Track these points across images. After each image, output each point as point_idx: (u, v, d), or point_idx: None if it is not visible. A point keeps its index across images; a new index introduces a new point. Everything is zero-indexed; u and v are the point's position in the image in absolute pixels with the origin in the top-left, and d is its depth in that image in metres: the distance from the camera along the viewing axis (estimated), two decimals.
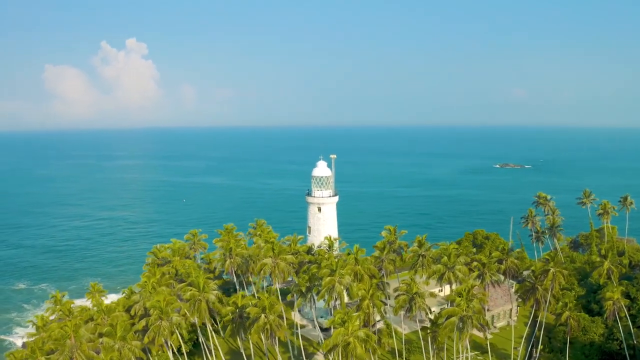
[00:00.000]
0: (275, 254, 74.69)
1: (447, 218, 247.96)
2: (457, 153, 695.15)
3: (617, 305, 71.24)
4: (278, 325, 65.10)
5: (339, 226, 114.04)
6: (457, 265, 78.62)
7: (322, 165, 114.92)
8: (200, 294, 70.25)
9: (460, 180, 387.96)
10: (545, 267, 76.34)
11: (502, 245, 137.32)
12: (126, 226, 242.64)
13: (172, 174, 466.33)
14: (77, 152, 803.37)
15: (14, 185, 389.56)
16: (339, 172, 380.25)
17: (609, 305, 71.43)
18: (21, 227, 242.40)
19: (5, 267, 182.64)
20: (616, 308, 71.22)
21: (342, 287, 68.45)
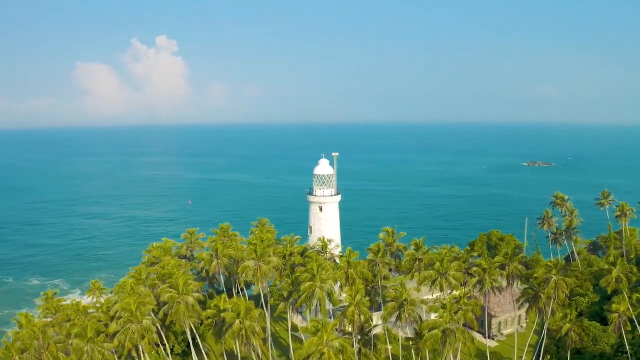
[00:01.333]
0: (258, 256, 71.44)
1: (467, 218, 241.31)
2: (486, 151, 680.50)
3: (622, 319, 65.46)
4: (254, 332, 61.83)
5: (347, 226, 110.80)
6: (451, 271, 73.81)
7: (324, 164, 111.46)
8: (179, 296, 67.57)
9: (485, 179, 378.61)
10: (547, 274, 71.10)
11: (513, 247, 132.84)
12: (145, 224, 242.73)
13: (195, 171, 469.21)
14: (105, 149, 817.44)
15: (40, 181, 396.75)
16: (362, 171, 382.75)
17: (615, 319, 65.78)
18: (41, 223, 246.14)
19: (22, 263, 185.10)
20: (622, 321, 65.45)
21: (324, 292, 64.70)
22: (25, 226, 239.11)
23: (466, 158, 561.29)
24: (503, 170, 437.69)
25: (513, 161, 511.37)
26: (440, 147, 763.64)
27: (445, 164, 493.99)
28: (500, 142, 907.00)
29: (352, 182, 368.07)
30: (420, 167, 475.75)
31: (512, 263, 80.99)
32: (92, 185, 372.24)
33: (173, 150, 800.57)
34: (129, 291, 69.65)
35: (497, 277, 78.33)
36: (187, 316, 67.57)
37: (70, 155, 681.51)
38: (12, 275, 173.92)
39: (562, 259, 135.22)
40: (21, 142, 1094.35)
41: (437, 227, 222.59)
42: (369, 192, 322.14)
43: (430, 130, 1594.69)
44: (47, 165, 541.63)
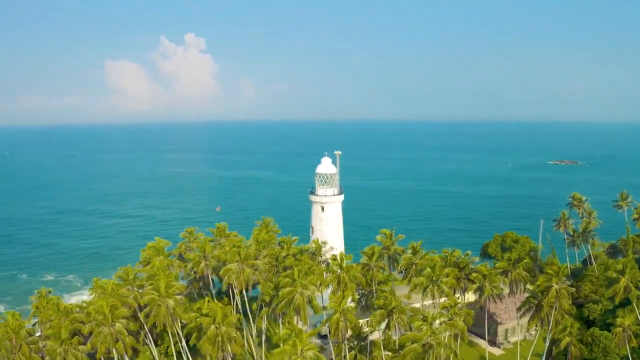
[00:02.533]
0: (242, 258, 68.62)
1: (486, 217, 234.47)
2: (511, 149, 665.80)
3: (627, 333, 60.23)
4: (230, 338, 59.08)
5: (360, 227, 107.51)
6: (443, 278, 69.70)
7: (327, 162, 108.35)
8: (160, 298, 65.36)
9: (509, 177, 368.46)
10: (547, 282, 66.47)
11: (528, 250, 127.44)
12: (165, 222, 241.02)
13: (219, 168, 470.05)
14: (133, 146, 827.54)
15: (65, 178, 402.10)
16: (384, 168, 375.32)
17: (618, 333, 60.59)
18: (62, 220, 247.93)
19: (37, 259, 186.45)
20: (626, 336, 60.23)
21: (304, 299, 61.51)
22: (45, 222, 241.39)
23: (492, 156, 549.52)
24: (527, 168, 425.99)
25: (539, 159, 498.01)
26: (467, 145, 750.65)
27: (470, 162, 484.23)
28: (529, 140, 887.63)
29: (372, 179, 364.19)
30: (444, 164, 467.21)
31: (516, 269, 76.40)
32: (115, 183, 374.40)
33: (199, 147, 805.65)
34: (109, 292, 67.78)
35: (498, 284, 74.05)
36: (167, 319, 65.39)
37: (98, 152, 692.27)
38: (27, 271, 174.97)
39: (579, 262, 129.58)
40: (51, 139, 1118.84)
41: (453, 227, 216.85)
42: (390, 190, 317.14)
43: (457, 127, 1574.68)
44: (74, 162, 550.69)
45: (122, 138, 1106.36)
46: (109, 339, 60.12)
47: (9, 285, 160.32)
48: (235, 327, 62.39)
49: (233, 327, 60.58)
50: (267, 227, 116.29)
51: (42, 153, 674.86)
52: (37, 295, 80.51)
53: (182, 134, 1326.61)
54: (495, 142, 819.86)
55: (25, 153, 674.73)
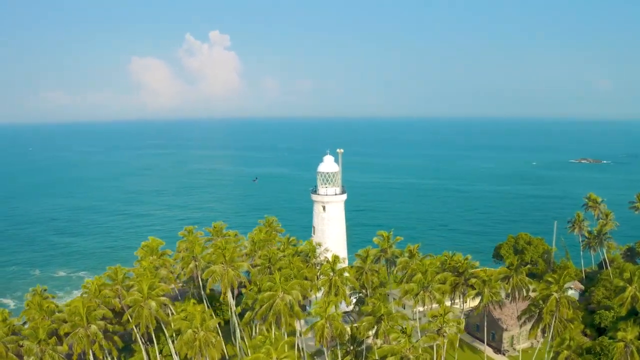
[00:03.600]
0: (227, 260, 66.22)
1: (504, 217, 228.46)
2: (532, 146, 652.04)
3: (629, 349, 55.67)
4: (208, 344, 56.78)
5: (372, 226, 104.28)
6: (436, 284, 66.13)
7: (329, 160, 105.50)
8: (142, 299, 63.48)
9: (530, 176, 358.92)
10: (546, 291, 62.44)
11: (541, 252, 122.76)
12: (182, 219, 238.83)
13: (239, 165, 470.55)
14: (157, 142, 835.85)
15: (86, 174, 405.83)
16: (407, 166, 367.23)
17: (619, 348, 56.14)
18: (80, 215, 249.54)
19: (52, 254, 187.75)
20: (628, 352, 55.70)
21: (285, 303, 58.76)
22: (63, 218, 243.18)
23: (515, 154, 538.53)
24: (550, 167, 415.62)
25: (560, 157, 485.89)
26: (490, 143, 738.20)
27: (493, 160, 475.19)
28: (552, 138, 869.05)
29: (390, 177, 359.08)
30: (467, 162, 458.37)
31: (518, 274, 72.34)
32: (137, 180, 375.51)
33: (222, 144, 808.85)
34: (93, 292, 66.20)
35: (498, 290, 70.22)
36: (151, 320, 63.58)
37: (122, 149, 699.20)
38: (39, 266, 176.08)
39: (595, 265, 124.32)
40: (76, 135, 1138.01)
41: (469, 226, 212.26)
42: (408, 189, 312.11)
43: (483, 125, 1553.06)
44: (97, 158, 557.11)
45: (147, 134, 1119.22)
46: (85, 341, 58.53)
47: (20, 282, 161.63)
48: (217, 331, 59.95)
49: (213, 332, 58.29)
50: (270, 227, 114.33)
51: (65, 149, 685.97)
52: (32, 292, 79.69)
53: (205, 130, 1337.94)
54: (519, 140, 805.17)
55: (49, 149, 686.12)
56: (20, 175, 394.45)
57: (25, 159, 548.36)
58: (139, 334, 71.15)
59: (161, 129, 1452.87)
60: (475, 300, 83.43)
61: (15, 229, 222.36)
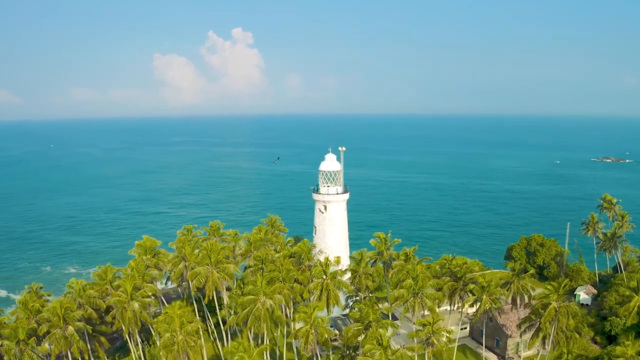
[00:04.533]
0: (212, 262, 64.11)
1: (519, 218, 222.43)
2: (557, 144, 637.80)
3: None
4: (188, 347, 54.78)
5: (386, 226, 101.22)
6: (427, 290, 62.90)
7: (331, 159, 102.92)
8: (126, 300, 61.89)
9: (550, 175, 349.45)
10: (545, 300, 58.82)
11: (554, 254, 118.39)
12: (198, 216, 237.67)
13: (258, 162, 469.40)
14: (179, 139, 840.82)
15: (108, 171, 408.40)
16: (428, 163, 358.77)
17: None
18: (95, 212, 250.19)
19: (64, 251, 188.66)
20: None
21: (267, 309, 56.39)
22: (78, 216, 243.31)
23: (539, 152, 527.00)
24: (569, 165, 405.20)
25: (583, 156, 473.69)
26: (514, 140, 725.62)
27: (516, 158, 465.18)
28: (576, 135, 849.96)
29: (410, 175, 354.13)
30: (491, 161, 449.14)
31: (520, 280, 68.70)
32: (159, 176, 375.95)
33: (243, 141, 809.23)
34: (78, 291, 64.90)
35: (497, 296, 66.73)
36: (134, 322, 61.99)
37: (145, 145, 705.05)
38: (51, 262, 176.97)
39: (610, 269, 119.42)
40: (102, 131, 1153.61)
41: (483, 227, 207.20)
42: (428, 187, 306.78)
43: (511, 122, 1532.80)
44: (119, 154, 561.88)
45: (169, 131, 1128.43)
46: (62, 342, 57.23)
47: (30, 277, 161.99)
48: (199, 335, 58.01)
49: (194, 336, 56.34)
50: (273, 226, 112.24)
51: (87, 146, 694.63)
52: (27, 290, 78.89)
53: (226, 127, 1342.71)
54: (544, 138, 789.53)
55: (71, 146, 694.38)
56: (39, 173, 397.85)
57: (45, 155, 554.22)
58: (129, 335, 69.76)
59: (183, 125, 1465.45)
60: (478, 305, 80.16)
61: (30, 225, 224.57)
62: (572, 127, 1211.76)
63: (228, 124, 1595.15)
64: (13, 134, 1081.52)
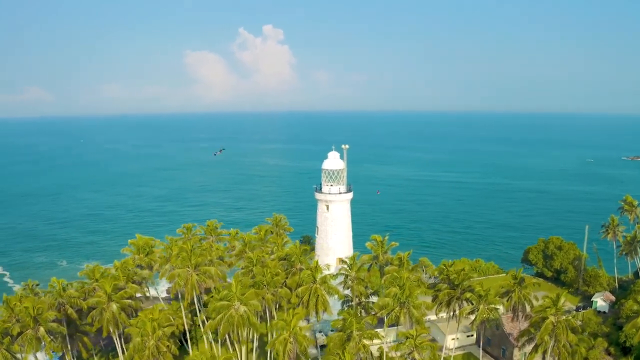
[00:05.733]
0: (192, 264, 61.68)
1: (541, 218, 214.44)
2: (589, 142, 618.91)
3: None
4: (158, 353, 52.49)
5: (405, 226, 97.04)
6: (415, 300, 58.92)
7: (334, 157, 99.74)
8: (105, 301, 60.13)
9: (578, 174, 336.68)
10: (542, 314, 54.30)
11: (572, 258, 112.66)
12: (218, 214, 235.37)
13: (284, 158, 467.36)
14: (206, 135, 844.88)
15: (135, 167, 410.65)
16: (452, 161, 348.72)
17: None
18: (116, 209, 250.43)
19: (81, 246, 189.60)
20: None
21: (240, 315, 53.55)
22: (98, 213, 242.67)
23: (570, 150, 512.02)
24: (599, 164, 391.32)
25: (612, 154, 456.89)
26: (545, 138, 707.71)
27: (546, 156, 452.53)
28: (604, 134, 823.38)
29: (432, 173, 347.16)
30: (518, 159, 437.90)
31: (522, 289, 64.07)
32: (175, 174, 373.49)
33: (272, 137, 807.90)
34: (59, 291, 63.50)
35: (496, 307, 62.31)
36: (113, 324, 60.25)
37: (174, 142, 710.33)
38: (67, 258, 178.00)
39: (631, 274, 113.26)
40: (133, 127, 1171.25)
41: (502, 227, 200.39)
42: (457, 185, 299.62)
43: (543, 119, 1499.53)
44: (146, 151, 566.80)
45: (198, 128, 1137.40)
46: (34, 343, 55.88)
47: (46, 272, 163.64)
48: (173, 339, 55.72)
49: (166, 341, 54.05)
50: (278, 225, 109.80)
51: (116, 142, 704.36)
52: (23, 287, 78.19)
53: (256, 124, 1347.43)
54: (571, 136, 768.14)
55: (100, 142, 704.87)
56: (65, 169, 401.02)
57: (71, 152, 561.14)
58: (116, 336, 68.24)
59: (212, 122, 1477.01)
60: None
61: (51, 221, 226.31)
62: (600, 124, 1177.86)
63: (257, 120, 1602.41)
64: (44, 131, 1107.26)
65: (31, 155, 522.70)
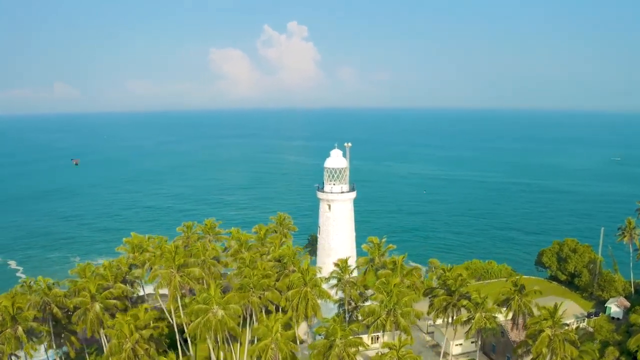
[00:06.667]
0: (176, 265, 59.98)
1: (560, 219, 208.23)
2: (608, 141, 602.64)
3: None
4: (137, 356, 51.04)
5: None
6: (403, 308, 55.93)
7: (336, 155, 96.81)
8: (89, 301, 59.00)
9: (604, 174, 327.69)
10: (538, 326, 50.98)
11: (586, 262, 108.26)
12: (237, 212, 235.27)
13: (302, 155, 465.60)
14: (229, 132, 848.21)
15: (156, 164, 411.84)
16: (475, 159, 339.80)
17: None
18: (132, 208, 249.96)
19: (96, 243, 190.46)
20: None
21: (219, 320, 51.56)
22: (113, 211, 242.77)
23: (598, 149, 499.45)
24: (624, 162, 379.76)
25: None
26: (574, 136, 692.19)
27: (568, 155, 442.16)
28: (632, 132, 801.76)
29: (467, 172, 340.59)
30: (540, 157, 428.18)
31: (523, 297, 60.62)
32: (194, 172, 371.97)
33: (294, 134, 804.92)
34: (44, 290, 62.65)
35: (494, 315, 59.01)
36: (96, 324, 59.14)
37: (201, 138, 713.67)
38: (81, 254, 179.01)
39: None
40: (157, 124, 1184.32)
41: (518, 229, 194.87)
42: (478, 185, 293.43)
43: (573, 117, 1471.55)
44: (169, 147, 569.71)
45: (222, 124, 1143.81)
46: (13, 342, 55.06)
47: (59, 267, 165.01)
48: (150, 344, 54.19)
49: (145, 343, 52.56)
50: (282, 224, 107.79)
51: (140, 138, 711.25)
52: (21, 284, 77.75)
53: (279, 120, 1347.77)
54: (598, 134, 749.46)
55: (123, 139, 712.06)
56: (85, 167, 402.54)
57: (93, 149, 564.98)
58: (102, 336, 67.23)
59: (237, 118, 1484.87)
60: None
61: (67, 218, 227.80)
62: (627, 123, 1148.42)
63: (281, 117, 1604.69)
64: (69, 126, 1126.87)
65: (52, 152, 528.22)
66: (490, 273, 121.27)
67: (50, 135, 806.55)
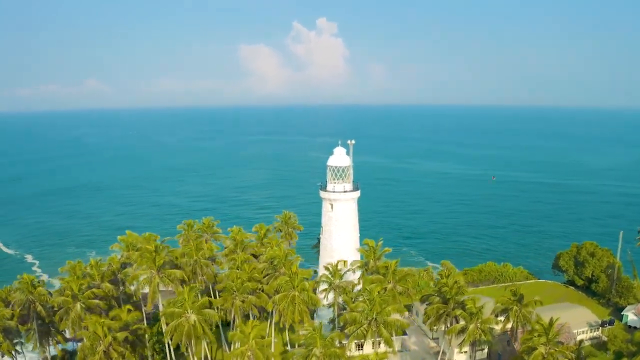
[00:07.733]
0: (156, 266, 58.15)
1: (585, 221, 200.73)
2: None
3: None
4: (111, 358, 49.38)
5: None
6: (386, 317, 52.73)
7: (340, 153, 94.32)
8: (71, 301, 57.84)
9: (630, 175, 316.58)
10: (531, 342, 47.31)
11: (606, 266, 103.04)
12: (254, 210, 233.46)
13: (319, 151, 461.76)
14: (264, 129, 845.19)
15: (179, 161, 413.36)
16: (504, 157, 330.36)
17: None
18: (152, 206, 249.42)
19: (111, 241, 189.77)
20: None
21: (191, 325, 49.45)
22: (132, 209, 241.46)
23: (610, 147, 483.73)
24: None
25: None
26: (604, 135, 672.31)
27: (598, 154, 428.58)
28: None
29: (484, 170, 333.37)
30: (580, 156, 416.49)
31: (523, 307, 56.81)
32: (218, 172, 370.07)
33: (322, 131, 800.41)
34: (29, 288, 61.72)
35: (490, 327, 55.41)
36: (78, 324, 57.93)
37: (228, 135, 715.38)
38: (96, 248, 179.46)
39: None
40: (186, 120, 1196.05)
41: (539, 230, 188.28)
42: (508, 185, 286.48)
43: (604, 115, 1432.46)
44: (194, 144, 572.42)
45: (253, 121, 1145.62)
46: None
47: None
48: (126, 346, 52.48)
49: (119, 346, 50.86)
50: (287, 223, 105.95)
51: (166, 134, 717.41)
52: (19, 280, 77.39)
53: (309, 117, 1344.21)
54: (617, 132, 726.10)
55: (150, 134, 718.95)
56: (109, 163, 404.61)
57: (119, 144, 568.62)
58: None
59: (265, 114, 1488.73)
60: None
61: (87, 215, 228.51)
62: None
63: (310, 113, 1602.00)
64: (99, 121, 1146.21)
65: (79, 148, 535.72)
66: (504, 276, 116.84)
67: (80, 131, 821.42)
